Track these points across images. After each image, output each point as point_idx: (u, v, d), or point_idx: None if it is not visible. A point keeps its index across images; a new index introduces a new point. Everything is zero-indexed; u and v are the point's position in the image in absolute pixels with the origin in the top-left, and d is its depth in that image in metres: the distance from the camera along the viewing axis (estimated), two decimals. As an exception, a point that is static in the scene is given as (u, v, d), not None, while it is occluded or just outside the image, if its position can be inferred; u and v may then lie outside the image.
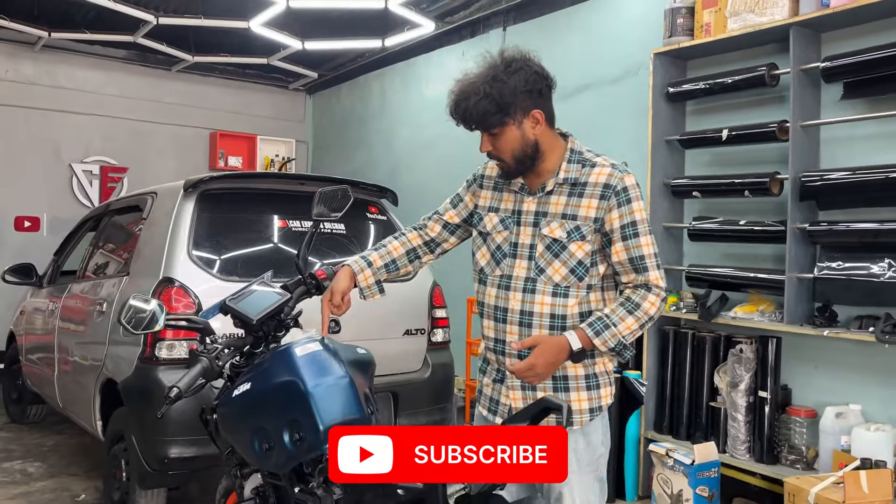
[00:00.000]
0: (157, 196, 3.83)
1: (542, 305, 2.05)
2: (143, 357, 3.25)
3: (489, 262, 2.16)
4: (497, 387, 2.17)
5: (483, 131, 2.04)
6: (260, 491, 2.15)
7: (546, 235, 2.05)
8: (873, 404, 3.41)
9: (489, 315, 2.15)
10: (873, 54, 3.28)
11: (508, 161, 2.06)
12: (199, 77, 8.02)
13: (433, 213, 2.36)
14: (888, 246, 3.27)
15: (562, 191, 2.06)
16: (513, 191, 2.15)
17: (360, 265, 2.24)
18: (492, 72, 1.98)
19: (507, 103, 1.96)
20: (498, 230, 2.15)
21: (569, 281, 2.04)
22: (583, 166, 2.06)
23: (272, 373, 1.98)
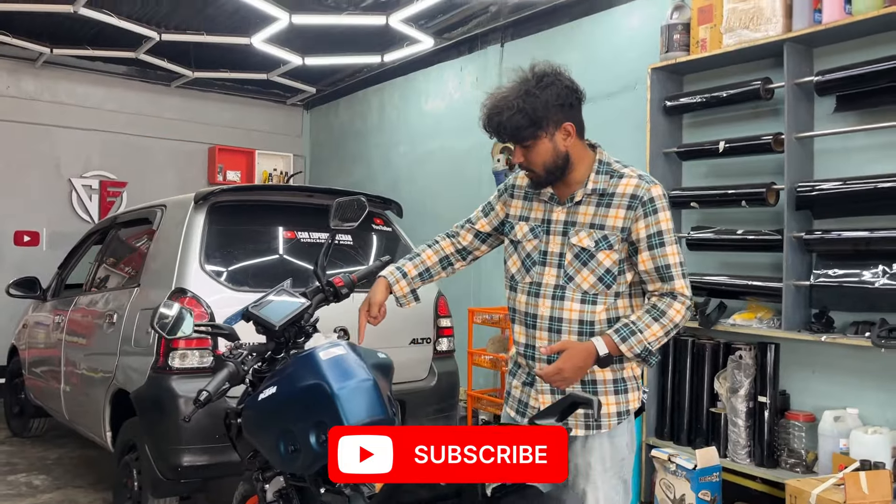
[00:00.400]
0: (166, 209, 3.89)
1: (570, 312, 2.11)
2: (156, 367, 3.30)
3: (520, 269, 2.22)
4: (526, 390, 2.24)
5: (516, 144, 2.10)
6: (283, 493, 2.21)
7: (574, 244, 2.11)
8: (870, 408, 3.50)
9: (520, 321, 2.21)
10: (864, 69, 3.39)
11: (539, 172, 2.11)
12: (198, 92, 8.11)
13: (465, 222, 2.41)
14: (881, 253, 3.37)
15: (590, 201, 2.12)
16: (542, 200, 2.21)
17: (395, 276, 2.32)
18: (524, 86, 2.04)
19: (539, 117, 2.02)
20: (528, 238, 2.21)
21: (597, 289, 2.10)
22: (611, 177, 2.11)
23: (298, 376, 2.05)
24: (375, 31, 6.24)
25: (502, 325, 5.15)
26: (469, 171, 6.09)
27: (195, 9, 5.96)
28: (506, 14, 5.69)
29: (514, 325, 2.24)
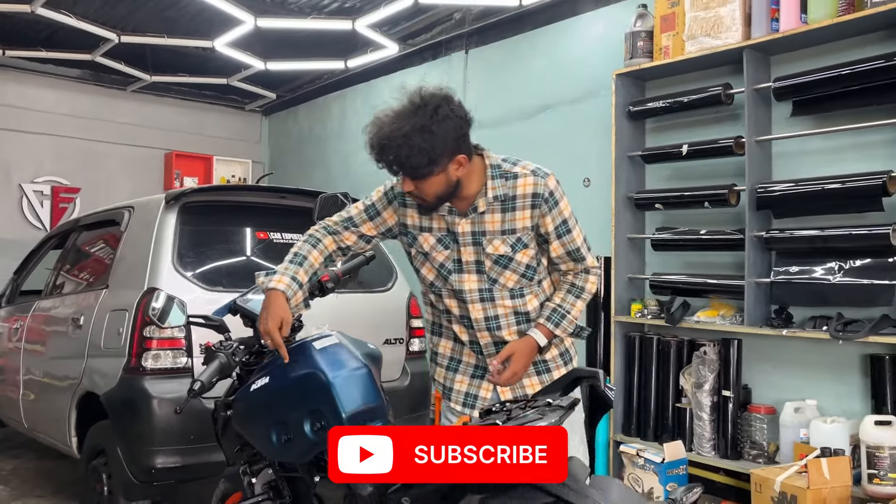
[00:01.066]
0: (134, 210, 3.84)
1: (504, 308, 2.20)
2: (128, 368, 3.26)
3: (437, 277, 2.24)
4: (475, 382, 2.32)
5: (408, 178, 2.05)
6: (273, 485, 2.21)
7: (491, 253, 2.16)
8: (828, 399, 3.65)
9: (457, 321, 2.27)
10: (818, 75, 3.56)
11: (431, 201, 2.09)
12: (154, 97, 7.99)
13: (346, 221, 2.32)
14: (836, 250, 3.53)
15: (494, 209, 2.14)
16: (440, 214, 2.18)
17: (292, 290, 2.16)
18: (419, 120, 1.95)
19: (437, 156, 1.97)
20: (438, 250, 2.22)
21: (521, 283, 2.20)
22: (506, 180, 2.13)
23: (291, 366, 2.06)
24: (339, 37, 6.26)
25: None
26: (433, 177, 6.13)
27: (155, 11, 5.90)
28: (470, 21, 5.78)
29: (452, 324, 2.29)
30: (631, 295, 4.38)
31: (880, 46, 3.45)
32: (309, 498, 2.05)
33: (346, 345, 2.11)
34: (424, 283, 2.31)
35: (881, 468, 3.19)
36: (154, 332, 3.23)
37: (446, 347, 2.37)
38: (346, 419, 1.93)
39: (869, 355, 3.50)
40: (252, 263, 3.68)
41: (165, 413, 3.19)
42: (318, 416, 1.96)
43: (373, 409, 2.00)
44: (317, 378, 1.98)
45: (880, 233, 3.32)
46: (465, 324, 2.25)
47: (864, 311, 3.46)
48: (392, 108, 2.03)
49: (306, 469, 2.05)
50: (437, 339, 2.39)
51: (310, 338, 2.13)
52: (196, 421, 3.23)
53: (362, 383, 2.01)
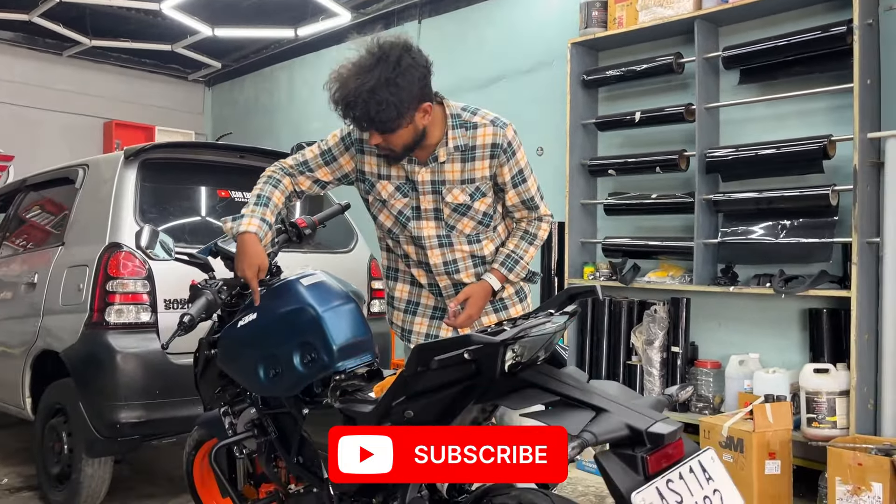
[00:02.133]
0: (89, 167, 3.75)
1: (461, 252, 2.27)
2: (90, 323, 3.20)
3: (395, 223, 2.27)
4: (435, 323, 2.38)
5: (376, 132, 2.05)
6: (256, 423, 2.24)
7: (450, 202, 2.21)
8: (770, 352, 3.87)
9: (416, 265, 2.32)
10: (764, 45, 3.75)
11: (398, 152, 2.12)
12: (92, 63, 7.73)
13: (301, 165, 2.29)
14: (780, 211, 3.74)
15: (454, 158, 2.17)
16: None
17: (263, 230, 2.16)
18: (383, 73, 1.94)
19: (405, 108, 1.97)
20: (396, 197, 2.23)
21: (478, 230, 2.26)
22: (466, 129, 2.15)
23: (280, 302, 2.09)
24: (289, 4, 6.20)
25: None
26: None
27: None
28: (424, -9, 5.80)
29: (411, 269, 2.34)
30: (584, 259, 4.53)
31: (822, 17, 3.66)
32: (297, 432, 2.09)
33: (332, 282, 2.15)
34: (382, 230, 2.34)
35: (819, 412, 3.42)
36: (117, 286, 3.18)
37: (403, 291, 2.41)
38: (337, 351, 1.98)
39: (807, 309, 3.73)
40: (214, 220, 3.66)
41: (130, 368, 3.15)
42: (308, 348, 2.00)
43: (361, 341, 2.05)
44: (306, 312, 2.02)
45: (820, 193, 3.54)
46: (424, 268, 2.30)
47: (804, 267, 3.69)
48: (351, 61, 2.01)
49: (293, 403, 2.08)
50: (394, 284, 2.43)
51: (296, 276, 2.16)
52: (161, 376, 3.23)
53: (351, 317, 2.06)
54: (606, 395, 1.36)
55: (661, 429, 1.27)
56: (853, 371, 3.36)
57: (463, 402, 1.51)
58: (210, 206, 3.71)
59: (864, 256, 3.40)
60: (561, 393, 1.38)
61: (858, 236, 3.37)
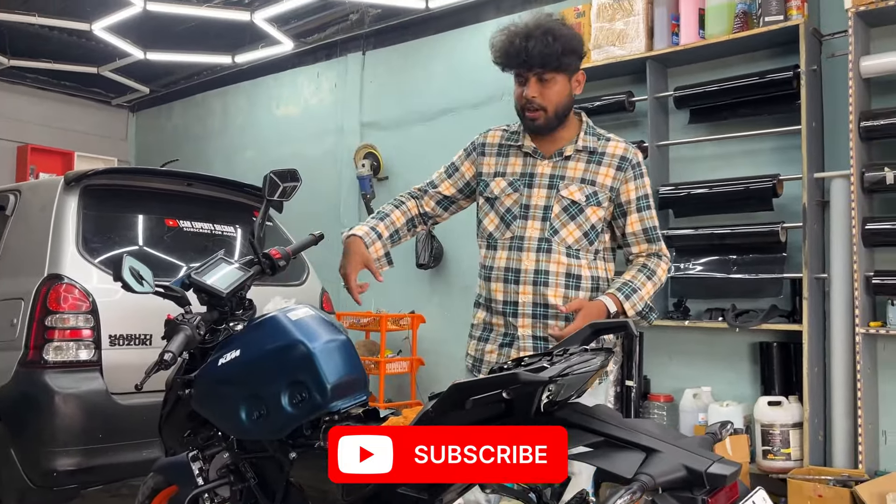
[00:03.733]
0: (21, 193, 3.50)
1: (558, 265, 2.10)
2: (24, 361, 2.95)
3: (498, 225, 2.18)
4: (505, 351, 2.17)
5: (541, 72, 2.05)
6: (232, 469, 2.08)
7: (565, 197, 2.11)
8: (721, 385, 3.94)
9: (498, 278, 2.16)
10: (714, 86, 3.89)
11: (550, 112, 2.08)
12: (6, 84, 7.30)
13: (427, 185, 2.32)
14: (731, 247, 3.85)
15: (580, 157, 2.14)
16: (524, 153, 2.18)
17: (371, 237, 2.17)
18: (553, 22, 2.08)
19: (573, 49, 2.06)
20: (507, 193, 2.17)
21: (580, 244, 2.11)
22: (598, 138, 2.17)
23: (266, 338, 1.95)
24: (226, 31, 6.03)
25: (370, 328, 5.14)
26: (325, 177, 6.02)
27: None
28: (369, 23, 5.77)
29: (491, 283, 2.18)
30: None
31: (768, 63, 3.83)
32: (281, 479, 1.94)
33: (320, 316, 2.04)
34: (482, 237, 2.23)
35: (774, 444, 3.50)
36: (57, 321, 2.95)
37: (480, 318, 2.26)
38: (331, 390, 1.86)
39: (758, 343, 3.82)
40: (164, 251, 3.46)
41: (69, 410, 2.93)
42: (299, 388, 1.87)
43: (356, 379, 1.94)
44: (297, 349, 1.89)
45: (770, 230, 3.66)
46: (510, 278, 2.14)
47: (754, 302, 3.79)
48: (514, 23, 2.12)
49: (278, 447, 1.94)
50: (475, 311, 2.28)
51: (281, 309, 2.04)
52: (104, 418, 3.01)
53: (344, 353, 1.94)
54: (652, 433, 1.31)
55: (722, 469, 1.23)
56: (806, 403, 3.45)
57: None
58: (157, 235, 3.50)
59: (813, 292, 3.52)
60: (604, 433, 1.32)
61: (808, 272, 3.49)
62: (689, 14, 3.92)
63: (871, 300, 3.41)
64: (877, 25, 3.53)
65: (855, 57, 3.37)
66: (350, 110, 5.88)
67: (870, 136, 3.40)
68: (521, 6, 4.94)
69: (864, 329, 3.29)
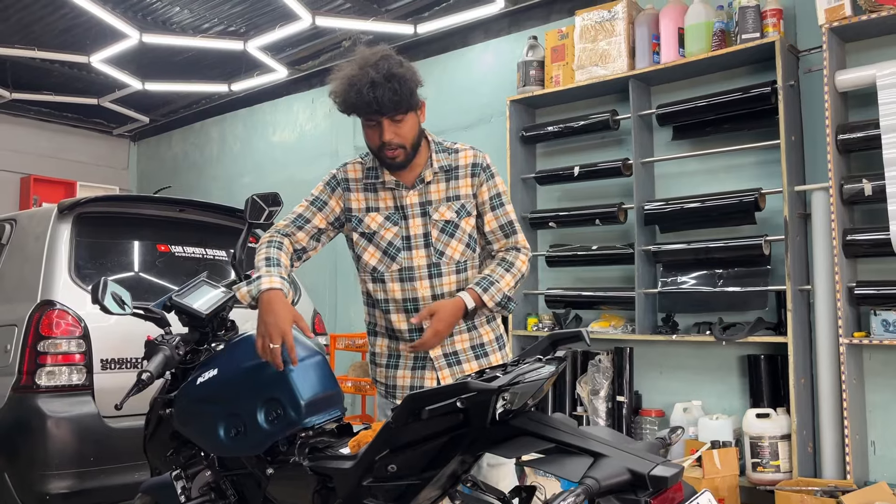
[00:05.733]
0: (17, 222, 3.58)
1: (450, 285, 2.21)
2: (17, 386, 3.01)
3: (381, 259, 2.22)
4: (419, 373, 2.23)
5: (392, 115, 2.08)
6: (213, 486, 2.12)
7: (438, 220, 2.21)
8: (711, 399, 3.97)
9: (398, 309, 2.22)
10: (695, 103, 3.94)
11: (409, 148, 2.15)
12: (9, 117, 7.46)
13: (297, 219, 2.28)
14: (716, 261, 3.88)
15: (439, 178, 2.23)
16: (388, 189, 2.23)
17: (286, 286, 2.11)
18: (393, 62, 2.07)
19: (414, 88, 2.09)
20: (385, 227, 2.22)
21: (466, 255, 2.23)
22: (448, 153, 2.26)
23: (242, 357, 2.01)
24: (221, 60, 6.16)
25: (365, 349, 5.18)
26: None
27: (22, 23, 5.55)
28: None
29: (389, 315, 2.23)
30: (527, 310, 4.56)
31: (748, 79, 3.89)
32: (259, 495, 1.99)
33: (296, 334, 2.09)
34: (365, 271, 2.26)
35: (763, 457, 3.51)
36: (49, 346, 3.01)
37: (383, 346, 2.30)
38: (305, 407, 1.91)
39: (746, 356, 3.85)
40: (155, 276, 3.53)
41: (61, 433, 2.98)
42: (274, 405, 1.92)
43: (330, 395, 1.99)
44: (271, 366, 1.94)
45: (754, 244, 3.70)
46: (409, 307, 2.20)
47: (741, 315, 3.82)
48: (347, 65, 2.11)
49: (256, 463, 1.99)
50: (374, 339, 2.33)
51: (258, 329, 2.09)
52: (95, 442, 3.06)
53: (318, 370, 2.00)
54: (601, 439, 1.36)
55: (664, 472, 1.27)
56: (793, 415, 3.47)
57: (450, 454, 1.47)
58: (149, 261, 3.57)
59: (797, 303, 3.55)
60: (556, 439, 1.37)
61: (791, 284, 3.52)
62: (669, 33, 4.00)
63: (854, 311, 3.44)
64: (852, 40, 3.59)
65: (830, 71, 3.43)
66: (344, 135, 5.98)
67: (847, 149, 3.45)
68: (507, 30, 5.05)
69: (848, 339, 3.32)
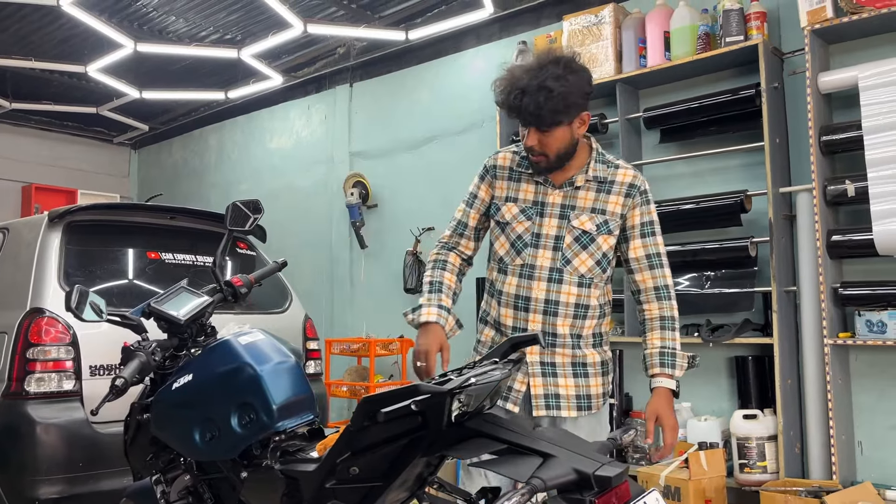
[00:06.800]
0: (9, 231, 3.63)
1: (568, 295, 2.13)
2: (7, 392, 3.05)
3: (508, 251, 2.19)
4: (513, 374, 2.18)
5: (538, 127, 2.05)
6: (191, 490, 2.15)
7: (576, 227, 2.13)
8: (700, 400, 3.97)
9: (508, 304, 2.18)
10: (682, 106, 3.97)
11: (552, 158, 2.09)
12: (10, 126, 7.54)
13: (457, 226, 2.32)
14: (704, 263, 3.89)
15: (590, 187, 2.15)
16: (535, 182, 2.18)
17: (444, 318, 2.19)
18: (555, 70, 2.00)
19: (570, 104, 2.01)
20: (518, 220, 2.18)
21: (593, 273, 2.14)
22: (608, 166, 2.18)
23: (217, 362, 2.03)
24: (218, 68, 6.22)
25: (360, 354, 5.22)
26: (318, 207, 6.17)
27: (21, 33, 5.62)
28: (355, 56, 5.92)
29: (500, 307, 2.21)
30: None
31: (733, 81, 3.91)
32: (234, 498, 2.01)
33: (270, 340, 2.12)
34: (494, 259, 2.25)
35: (750, 458, 3.51)
36: (38, 353, 3.05)
37: (488, 336, 2.29)
38: (277, 410, 1.93)
39: (734, 357, 3.86)
40: (145, 283, 3.57)
41: (51, 439, 3.02)
42: (247, 409, 1.95)
43: (302, 399, 2.01)
44: (244, 371, 1.97)
45: (740, 245, 3.71)
46: (520, 305, 2.16)
47: (729, 316, 3.83)
48: (520, 65, 2.10)
49: (231, 467, 2.01)
50: (482, 327, 2.31)
51: (233, 334, 2.12)
52: (85, 447, 3.09)
53: (291, 374, 2.02)
54: (553, 440, 1.38)
55: (608, 472, 1.29)
56: (779, 416, 3.47)
57: (410, 456, 1.50)
58: (139, 268, 3.61)
59: (783, 304, 3.56)
60: (508, 441, 1.39)
61: (777, 285, 3.53)
62: (655, 37, 4.02)
63: (840, 312, 3.45)
64: (835, 42, 3.61)
65: (812, 73, 3.44)
66: (339, 141, 6.02)
67: (831, 150, 3.46)
68: (497, 35, 5.08)
69: (833, 340, 3.32)
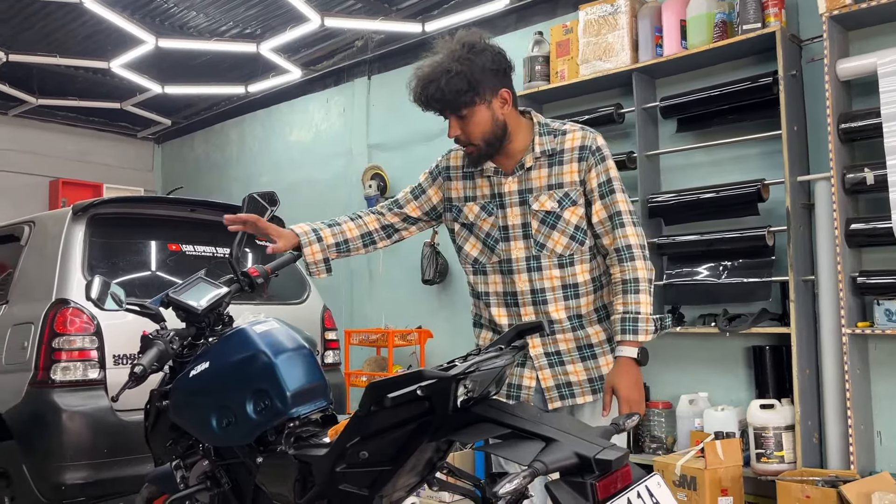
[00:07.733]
0: (35, 224, 3.72)
1: (551, 280, 2.06)
2: (34, 381, 3.14)
3: (483, 250, 2.15)
4: (517, 371, 2.12)
5: (452, 113, 2.00)
6: (209, 475, 2.21)
7: (538, 210, 2.05)
8: (718, 390, 3.97)
9: (498, 303, 2.14)
10: (699, 95, 3.95)
11: (479, 144, 2.02)
12: (38, 122, 7.67)
13: (391, 203, 2.29)
14: (721, 252, 3.88)
15: (541, 164, 2.06)
16: (486, 176, 2.12)
17: (308, 238, 2.16)
18: (456, 53, 1.95)
19: (477, 80, 1.94)
20: (482, 217, 2.13)
21: (571, 248, 2.05)
22: (554, 136, 2.07)
23: (232, 350, 2.08)
24: (239, 62, 6.28)
25: (378, 344, 5.27)
26: (337, 199, 6.22)
27: (46, 30, 5.72)
28: (373, 48, 5.95)
29: (491, 308, 2.16)
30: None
31: (751, 69, 3.88)
32: (250, 483, 2.06)
33: (285, 328, 2.17)
34: (468, 263, 2.20)
35: (767, 447, 3.51)
36: (64, 343, 3.14)
37: (486, 339, 2.21)
38: (291, 397, 1.98)
39: (751, 347, 3.85)
40: (166, 275, 3.64)
41: (76, 426, 3.10)
42: (262, 396, 2.00)
43: (315, 386, 2.06)
44: (259, 359, 2.02)
45: (757, 234, 3.69)
46: (509, 301, 2.11)
47: (746, 306, 3.82)
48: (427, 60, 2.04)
49: (247, 452, 2.07)
50: (478, 331, 2.27)
51: (248, 323, 2.17)
52: (109, 434, 3.17)
53: (305, 362, 2.07)
54: (557, 425, 1.40)
55: (609, 455, 1.31)
56: (797, 405, 3.46)
57: (417, 440, 1.53)
58: (161, 259, 3.69)
59: (801, 294, 3.54)
60: (512, 425, 1.42)
61: (794, 275, 3.51)
62: (672, 25, 4.00)
63: (858, 301, 3.42)
64: (854, 28, 3.57)
65: (831, 60, 3.41)
66: (358, 133, 6.06)
67: (849, 138, 3.43)
68: (513, 25, 5.08)
69: (851, 330, 3.30)
